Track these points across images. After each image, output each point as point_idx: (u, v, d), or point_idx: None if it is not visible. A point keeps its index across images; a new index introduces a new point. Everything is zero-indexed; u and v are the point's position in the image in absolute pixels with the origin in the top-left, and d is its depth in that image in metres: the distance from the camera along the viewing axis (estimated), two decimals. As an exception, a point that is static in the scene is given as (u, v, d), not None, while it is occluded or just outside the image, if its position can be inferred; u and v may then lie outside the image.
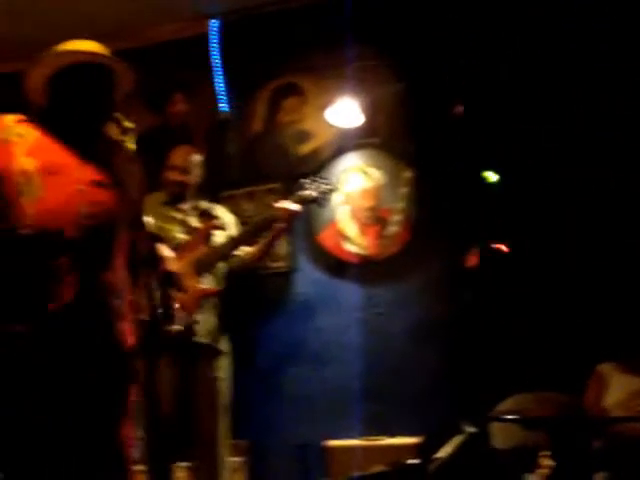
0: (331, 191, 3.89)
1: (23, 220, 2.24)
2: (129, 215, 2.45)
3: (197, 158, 3.90)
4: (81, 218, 2.28)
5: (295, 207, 3.74)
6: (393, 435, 3.91)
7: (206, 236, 3.69)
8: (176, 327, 3.33)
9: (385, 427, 3.99)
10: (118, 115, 2.36)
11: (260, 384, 4.34)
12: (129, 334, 2.43)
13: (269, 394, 4.33)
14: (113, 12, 4.62)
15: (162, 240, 2.27)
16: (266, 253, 3.95)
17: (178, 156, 3.87)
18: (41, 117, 2.45)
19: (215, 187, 4.43)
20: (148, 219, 2.28)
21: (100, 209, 2.34)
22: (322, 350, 4.29)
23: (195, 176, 3.87)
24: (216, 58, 4.68)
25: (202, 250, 3.67)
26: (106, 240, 2.36)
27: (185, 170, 3.83)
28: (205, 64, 4.68)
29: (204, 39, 4.72)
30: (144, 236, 2.22)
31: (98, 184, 2.36)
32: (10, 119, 2.40)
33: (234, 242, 3.77)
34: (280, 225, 3.73)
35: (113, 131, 2.42)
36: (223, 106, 4.66)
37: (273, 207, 3.80)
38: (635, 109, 3.85)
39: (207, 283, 3.67)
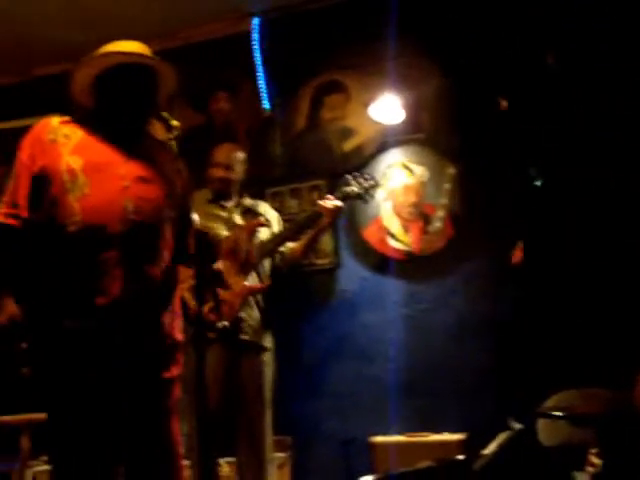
0: (374, 187, 3.90)
1: (70, 217, 2.29)
2: (175, 211, 2.48)
3: (240, 155, 3.92)
4: (127, 213, 2.32)
5: (338, 203, 3.74)
6: (438, 431, 3.90)
7: (250, 233, 3.71)
8: (222, 323, 3.37)
9: (430, 423, 3.98)
10: (164, 114, 2.39)
11: (305, 380, 4.36)
12: (177, 329, 2.46)
13: (314, 390, 4.34)
14: (156, 13, 4.68)
15: (209, 237, 2.28)
16: (310, 249, 3.96)
17: (221, 153, 3.90)
18: (86, 118, 2.50)
19: (260, 184, 4.47)
20: (196, 216, 2.30)
21: (145, 205, 2.37)
22: (366, 346, 4.29)
23: (238, 173, 3.89)
24: (259, 56, 4.71)
25: (246, 247, 3.70)
26: (152, 236, 2.39)
27: (228, 167, 3.85)
28: (248, 62, 4.70)
29: (247, 37, 4.74)
30: (192, 232, 2.24)
31: (143, 180, 2.40)
32: (56, 120, 2.45)
33: (278, 238, 3.79)
34: (324, 221, 3.74)
35: (159, 130, 2.45)
36: (266, 104, 4.68)
37: (317, 203, 3.82)
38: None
39: (252, 280, 3.69)
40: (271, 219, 3.92)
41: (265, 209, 3.96)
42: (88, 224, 2.28)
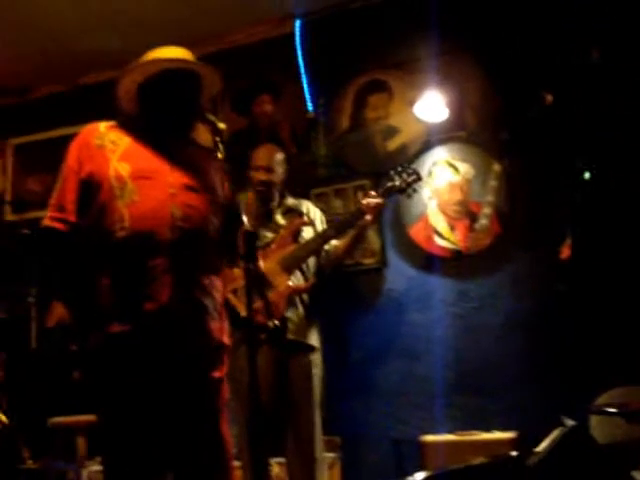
0: (417, 181, 3.81)
1: (119, 223, 2.31)
2: (219, 217, 2.50)
3: (280, 156, 3.91)
4: (175, 221, 2.33)
5: (380, 200, 3.70)
6: (489, 430, 3.87)
7: (294, 233, 3.71)
8: (273, 323, 3.39)
9: (480, 422, 3.94)
10: (210, 117, 2.40)
11: (354, 380, 4.36)
12: (224, 332, 2.48)
13: (363, 390, 4.34)
14: (199, 18, 4.73)
15: (258, 238, 2.29)
16: (354, 247, 3.93)
17: (261, 155, 3.89)
18: (132, 124, 2.52)
19: (305, 185, 4.49)
20: (245, 217, 2.30)
21: (192, 212, 2.38)
22: (414, 345, 4.28)
23: (279, 174, 3.88)
24: (301, 58, 4.73)
25: (290, 247, 3.71)
26: (199, 242, 2.40)
27: (269, 169, 3.84)
28: (291, 64, 4.73)
29: (289, 40, 4.77)
30: (242, 234, 2.24)
31: (189, 188, 2.41)
32: (103, 125, 2.48)
33: (322, 237, 3.77)
34: (366, 218, 3.71)
35: (204, 133, 2.47)
36: (310, 105, 4.70)
37: (359, 201, 3.81)
38: None
39: (296, 280, 3.70)
40: (314, 218, 3.92)
41: (308, 208, 3.96)
42: (137, 231, 2.30)
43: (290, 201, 3.94)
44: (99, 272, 2.33)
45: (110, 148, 2.41)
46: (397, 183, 3.77)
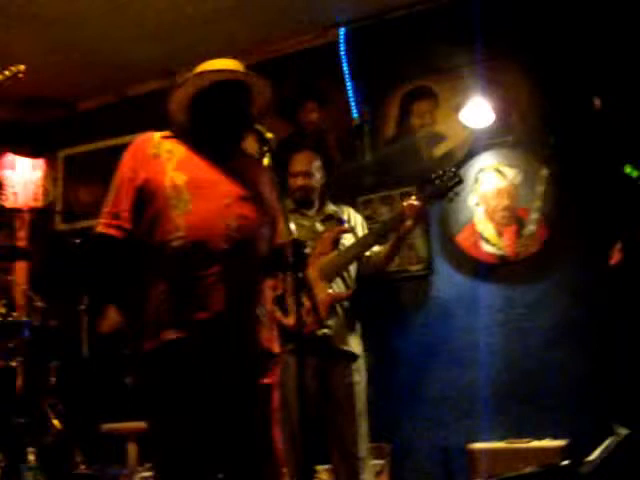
0: (458, 184, 3.71)
1: (174, 232, 2.33)
2: (269, 228, 2.52)
3: (318, 162, 3.89)
4: (230, 231, 2.35)
5: (420, 203, 3.61)
6: (538, 438, 3.83)
7: (334, 240, 3.69)
8: (322, 332, 3.39)
9: (529, 430, 3.91)
10: (258, 127, 2.42)
11: (401, 387, 4.35)
12: (273, 341, 2.50)
13: (411, 397, 4.33)
14: (245, 28, 4.78)
15: (306, 247, 2.30)
16: (396, 253, 3.83)
17: (299, 162, 3.87)
18: (184, 134, 2.54)
19: (351, 192, 4.50)
20: (293, 225, 2.32)
21: (246, 223, 2.40)
22: (461, 351, 4.25)
23: (317, 180, 3.87)
24: (346, 65, 4.75)
25: (330, 255, 3.66)
26: (251, 252, 2.43)
27: (307, 175, 3.82)
28: (336, 72, 4.74)
29: (334, 48, 4.79)
30: (289, 244, 2.26)
31: (242, 198, 2.43)
32: (158, 135, 2.50)
33: (362, 244, 3.72)
34: (407, 223, 3.61)
35: (251, 142, 2.50)
36: (355, 112, 4.71)
37: (400, 205, 3.73)
38: None
39: (337, 287, 3.66)
40: (355, 224, 3.89)
41: (349, 214, 3.93)
42: (192, 240, 2.32)
43: (330, 208, 3.91)
44: (153, 279, 2.35)
45: (166, 157, 2.44)
46: (438, 187, 3.67)
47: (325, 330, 3.49)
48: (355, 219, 3.94)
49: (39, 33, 4.78)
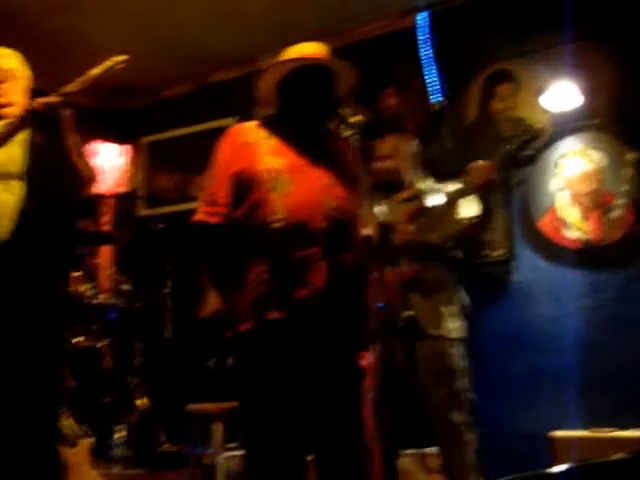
0: (533, 139, 3.65)
1: (274, 215, 2.39)
2: (360, 207, 2.55)
3: (404, 145, 3.85)
4: (328, 211, 2.41)
5: (487, 164, 3.48)
6: (623, 427, 3.76)
7: (412, 219, 3.65)
8: (407, 313, 3.38)
9: (613, 419, 3.84)
10: (345, 111, 2.46)
11: (483, 374, 4.31)
12: (370, 321, 2.53)
13: (492, 384, 4.28)
14: (323, 15, 4.80)
15: (392, 229, 2.32)
16: (485, 219, 3.65)
17: (387, 145, 3.83)
18: (274, 121, 2.60)
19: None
20: (379, 209, 2.34)
21: (342, 202, 2.45)
22: (544, 339, 4.20)
23: (404, 163, 3.83)
24: (426, 50, 4.72)
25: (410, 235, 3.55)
26: (347, 231, 2.47)
27: (393, 158, 3.79)
28: (416, 57, 4.73)
29: (413, 32, 4.77)
30: (376, 226, 2.29)
31: (337, 179, 2.48)
32: (250, 124, 2.58)
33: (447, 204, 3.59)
34: (475, 182, 3.46)
35: (340, 128, 2.52)
36: (436, 97, 4.69)
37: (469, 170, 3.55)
38: None
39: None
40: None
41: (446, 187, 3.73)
42: (293, 222, 2.38)
43: (419, 187, 3.77)
44: (253, 261, 2.42)
45: (260, 144, 2.50)
46: (512, 145, 3.61)
47: (410, 312, 3.43)
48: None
49: (123, 25, 4.92)
